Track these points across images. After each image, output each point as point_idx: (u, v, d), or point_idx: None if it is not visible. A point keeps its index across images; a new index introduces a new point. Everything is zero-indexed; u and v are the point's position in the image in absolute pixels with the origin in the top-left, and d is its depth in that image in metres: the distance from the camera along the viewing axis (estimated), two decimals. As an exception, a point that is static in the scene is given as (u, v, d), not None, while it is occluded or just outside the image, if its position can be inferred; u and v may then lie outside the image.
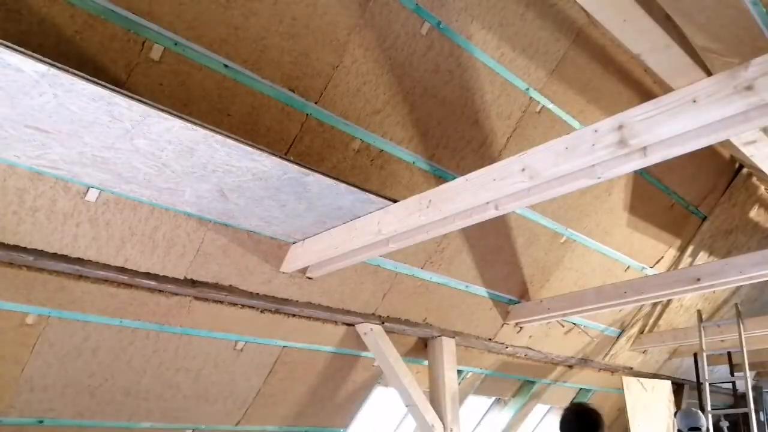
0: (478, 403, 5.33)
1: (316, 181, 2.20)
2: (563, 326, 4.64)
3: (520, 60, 3.00)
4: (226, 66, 2.28)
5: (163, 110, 1.78)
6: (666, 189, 4.24)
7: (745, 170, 4.62)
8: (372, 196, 2.34)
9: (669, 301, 5.24)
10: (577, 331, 4.75)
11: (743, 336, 4.85)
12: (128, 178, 2.19)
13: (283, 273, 2.94)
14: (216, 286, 2.78)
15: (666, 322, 5.47)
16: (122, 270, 2.50)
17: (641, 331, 5.41)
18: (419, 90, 2.80)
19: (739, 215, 4.98)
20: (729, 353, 5.78)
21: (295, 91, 2.48)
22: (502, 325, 4.19)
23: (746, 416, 5.09)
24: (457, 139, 3.07)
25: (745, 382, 4.86)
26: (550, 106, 3.28)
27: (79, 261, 2.38)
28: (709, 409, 5.06)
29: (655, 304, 5.19)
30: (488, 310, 4.04)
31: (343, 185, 2.24)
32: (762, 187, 4.92)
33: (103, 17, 1.98)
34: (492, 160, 3.12)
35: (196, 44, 2.18)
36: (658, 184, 4.17)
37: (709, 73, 2.37)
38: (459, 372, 4.26)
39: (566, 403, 5.87)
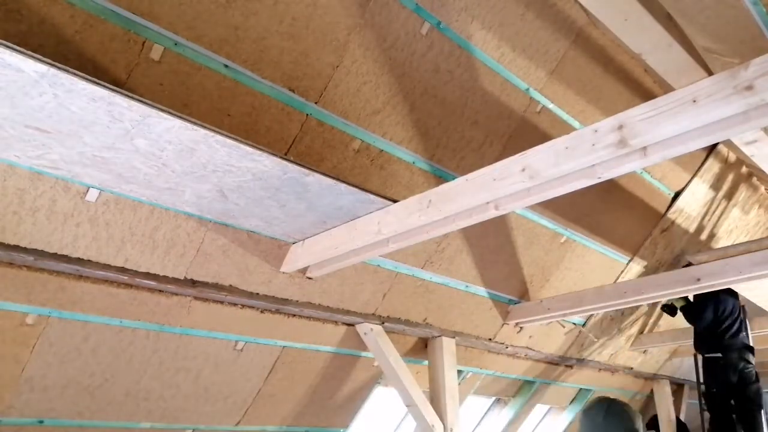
0: (478, 403, 5.32)
1: (316, 181, 2.20)
2: (563, 326, 4.64)
3: (520, 60, 3.00)
4: (226, 66, 2.27)
5: (163, 110, 1.78)
6: (665, 188, 4.24)
7: (745, 170, 4.62)
8: (372, 196, 2.34)
9: (669, 301, 5.22)
10: (577, 331, 4.75)
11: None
12: (128, 178, 2.19)
13: (283, 273, 2.93)
14: (216, 286, 2.78)
15: (666, 322, 5.47)
16: (122, 270, 2.50)
17: (641, 331, 5.40)
18: (419, 90, 2.79)
19: (739, 215, 4.98)
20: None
21: (295, 91, 2.48)
22: (502, 325, 4.19)
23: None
24: (457, 139, 3.07)
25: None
26: (550, 106, 3.28)
27: (79, 261, 2.38)
28: None
29: (654, 304, 5.18)
30: (488, 310, 4.04)
31: (343, 185, 2.24)
32: (762, 187, 4.91)
33: (103, 17, 1.98)
34: (492, 160, 3.12)
35: (196, 44, 2.18)
36: (657, 183, 4.17)
37: (710, 73, 2.36)
38: (459, 372, 4.26)
39: (566, 404, 5.88)
